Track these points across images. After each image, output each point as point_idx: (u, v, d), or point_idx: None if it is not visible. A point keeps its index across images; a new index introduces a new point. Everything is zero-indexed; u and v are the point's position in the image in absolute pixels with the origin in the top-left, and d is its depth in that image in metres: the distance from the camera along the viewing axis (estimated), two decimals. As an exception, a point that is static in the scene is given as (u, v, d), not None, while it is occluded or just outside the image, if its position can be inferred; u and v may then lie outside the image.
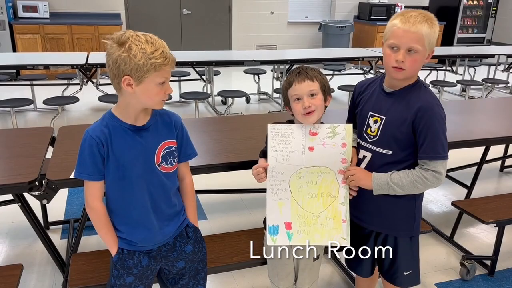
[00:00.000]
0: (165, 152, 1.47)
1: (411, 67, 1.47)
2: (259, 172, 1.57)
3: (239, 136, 2.33)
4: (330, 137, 1.55)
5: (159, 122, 1.47)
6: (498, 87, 6.80)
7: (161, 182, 1.47)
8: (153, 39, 1.32)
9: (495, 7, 8.92)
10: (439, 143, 1.50)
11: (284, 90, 1.61)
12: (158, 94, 1.36)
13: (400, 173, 1.55)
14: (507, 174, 3.84)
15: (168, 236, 1.52)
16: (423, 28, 1.43)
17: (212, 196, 3.24)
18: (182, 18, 7.77)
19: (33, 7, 6.49)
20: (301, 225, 1.58)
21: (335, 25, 8.06)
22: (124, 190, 1.42)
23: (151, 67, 1.29)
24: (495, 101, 3.50)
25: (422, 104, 1.50)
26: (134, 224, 1.45)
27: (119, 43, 1.29)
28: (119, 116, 1.40)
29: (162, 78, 1.34)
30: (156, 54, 1.29)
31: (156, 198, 1.47)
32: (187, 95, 4.77)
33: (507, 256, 2.62)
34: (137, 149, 1.41)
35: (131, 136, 1.40)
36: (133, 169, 1.40)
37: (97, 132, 1.37)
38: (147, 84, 1.32)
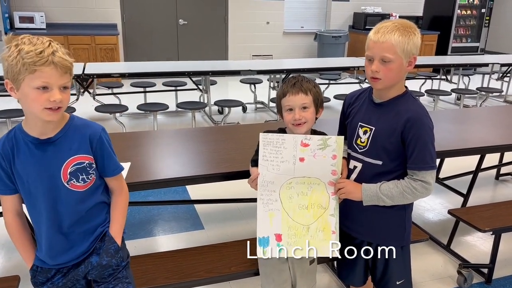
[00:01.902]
0: (74, 169, 1.32)
1: (386, 76, 1.50)
2: (256, 182, 1.59)
3: (236, 145, 2.33)
4: (321, 148, 1.57)
5: (70, 135, 1.32)
6: (492, 96, 6.85)
7: (71, 200, 1.34)
8: (39, 40, 1.19)
9: (488, 17, 9.03)
10: (428, 153, 1.51)
11: (278, 99, 1.64)
12: (37, 100, 1.19)
13: (389, 184, 1.55)
14: (502, 182, 3.86)
15: (82, 254, 1.39)
16: (392, 37, 1.45)
17: (209, 206, 3.24)
18: (179, 28, 7.81)
19: (30, 18, 6.51)
20: (291, 236, 1.58)
21: (331, 35, 8.12)
22: (32, 207, 1.34)
23: (23, 68, 1.16)
24: (490, 110, 3.53)
25: (411, 115, 1.51)
26: (42, 241, 1.37)
27: (7, 45, 1.20)
28: (25, 128, 1.29)
29: (38, 81, 1.17)
30: (30, 54, 1.15)
31: (63, 217, 1.34)
32: (184, 105, 4.78)
33: (504, 264, 2.62)
34: (40, 165, 1.29)
35: (33, 150, 1.28)
36: (37, 186, 1.30)
37: (0, 145, 1.29)
38: (23, 89, 1.19)
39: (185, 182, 2.06)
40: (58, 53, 1.20)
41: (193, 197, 3.42)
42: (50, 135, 1.29)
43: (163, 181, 1.92)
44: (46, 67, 1.17)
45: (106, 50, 6.65)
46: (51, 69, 1.18)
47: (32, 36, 1.21)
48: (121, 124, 4.72)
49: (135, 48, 7.58)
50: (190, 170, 2.04)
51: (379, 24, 1.52)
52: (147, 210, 3.20)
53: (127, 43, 7.50)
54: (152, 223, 3.04)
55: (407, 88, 1.60)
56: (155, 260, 1.94)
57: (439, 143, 2.40)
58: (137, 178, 1.87)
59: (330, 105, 6.22)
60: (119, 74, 4.56)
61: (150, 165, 2.07)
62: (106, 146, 1.38)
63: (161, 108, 4.65)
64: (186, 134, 2.65)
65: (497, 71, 6.66)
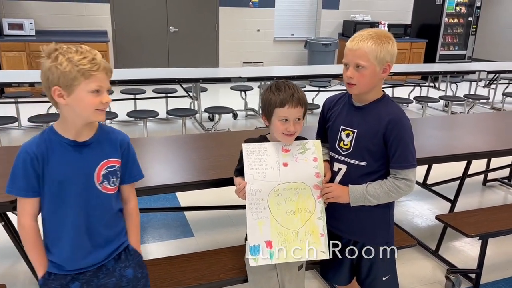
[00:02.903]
0: (107, 171, 1.40)
1: (360, 82, 1.57)
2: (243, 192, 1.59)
3: (226, 152, 2.34)
4: (301, 152, 1.63)
5: (102, 140, 1.41)
6: (479, 103, 6.96)
7: (101, 202, 1.40)
8: (84, 49, 1.29)
9: (475, 25, 9.18)
10: (409, 152, 1.58)
11: (272, 105, 1.58)
12: (92, 103, 1.29)
13: (374, 184, 1.61)
14: (490, 188, 3.91)
15: (102, 259, 1.43)
16: (366, 45, 1.52)
17: (199, 213, 3.23)
18: (169, 35, 7.82)
19: (19, 25, 6.48)
20: (282, 242, 1.60)
21: (321, 43, 8.19)
22: (58, 209, 1.36)
23: (79, 74, 1.25)
24: (477, 117, 3.58)
25: (391, 117, 1.57)
26: (63, 245, 1.38)
27: (48, 55, 1.27)
28: (59, 130, 1.35)
29: (94, 85, 1.28)
30: (83, 61, 1.26)
31: (92, 219, 1.39)
32: (174, 112, 4.77)
33: (492, 269, 2.65)
34: (76, 166, 1.35)
35: (70, 152, 1.35)
36: (70, 187, 1.34)
37: (33, 147, 1.32)
38: (78, 93, 1.27)
39: (175, 189, 2.06)
40: (103, 59, 1.32)
41: (183, 204, 3.41)
42: (85, 138, 1.37)
43: (152, 188, 1.91)
44: (99, 72, 1.28)
45: (96, 57, 6.62)
46: (102, 74, 1.30)
47: (72, 46, 1.30)
48: (111, 131, 4.70)
49: (126, 55, 7.57)
50: (180, 177, 2.04)
51: (357, 33, 1.59)
52: (136, 217, 3.18)
53: (118, 50, 7.49)
54: (142, 231, 3.01)
55: (384, 92, 1.66)
56: (144, 267, 1.93)
57: (427, 149, 2.45)
58: (126, 185, 1.86)
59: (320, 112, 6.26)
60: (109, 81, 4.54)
61: (139, 172, 2.06)
62: (132, 151, 1.49)
63: (151, 115, 4.64)
64: (176, 141, 2.65)
65: (484, 79, 6.76)
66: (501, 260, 2.78)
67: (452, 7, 8.91)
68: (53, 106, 1.34)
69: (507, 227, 2.37)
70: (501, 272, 2.64)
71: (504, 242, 2.92)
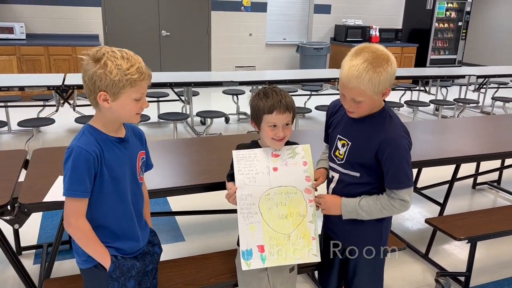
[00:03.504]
0: (141, 162, 1.52)
1: (359, 111, 1.52)
2: (234, 197, 1.61)
3: (218, 156, 2.34)
4: (291, 157, 1.64)
5: (132, 134, 1.51)
6: (469, 107, 7.03)
7: (140, 191, 1.53)
8: (129, 55, 1.34)
9: (465, 30, 9.29)
10: (403, 173, 1.52)
11: (260, 111, 1.60)
12: (134, 109, 1.37)
13: (369, 200, 1.58)
14: (479, 191, 3.94)
15: (145, 241, 1.57)
16: (362, 82, 1.41)
17: (190, 217, 3.22)
18: (161, 39, 7.82)
19: (9, 29, 6.43)
20: (274, 246, 1.61)
21: (312, 47, 8.23)
22: (115, 203, 1.42)
23: (127, 83, 1.31)
24: (467, 120, 3.61)
25: (384, 137, 1.51)
26: (121, 236, 1.46)
27: (94, 59, 1.30)
28: (102, 129, 1.40)
29: (138, 93, 1.35)
30: (131, 70, 1.31)
31: (137, 206, 1.51)
32: (166, 116, 4.77)
33: (481, 272, 2.67)
34: (125, 161, 1.44)
35: (120, 148, 1.42)
36: (124, 181, 1.43)
37: (92, 147, 1.35)
38: (123, 100, 1.33)
39: (166, 194, 2.06)
40: (143, 65, 1.37)
41: (174, 208, 3.40)
42: (123, 135, 1.45)
43: (142, 193, 1.90)
44: (144, 81, 1.36)
45: (88, 61, 6.59)
46: (146, 82, 1.37)
47: (114, 48, 1.34)
48: (102, 135, 4.68)
49: (117, 59, 7.52)
50: (171, 182, 2.04)
51: (350, 57, 1.45)
52: (127, 222, 3.16)
53: (109, 54, 7.44)
54: (133, 235, 3.00)
55: (385, 104, 1.58)
56: (134, 272, 1.92)
57: (417, 153, 2.47)
58: (116, 190, 1.85)
59: (311, 115, 6.29)
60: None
61: (129, 176, 2.05)
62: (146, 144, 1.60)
63: (143, 119, 4.63)
64: (167, 145, 2.64)
65: (473, 83, 6.83)
66: (490, 263, 2.80)
67: (442, 12, 9.01)
68: (92, 106, 1.38)
69: (496, 230, 2.40)
70: (490, 275, 2.66)
71: (493, 245, 2.95)
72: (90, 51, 1.32)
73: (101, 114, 1.39)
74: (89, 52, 1.32)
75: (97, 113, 1.40)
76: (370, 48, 1.44)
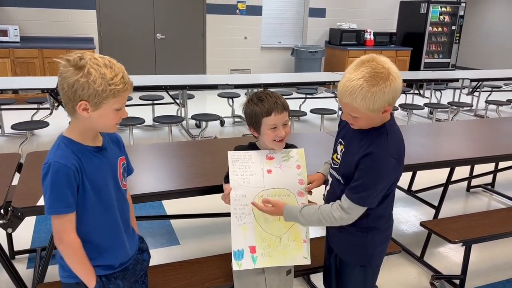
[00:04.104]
0: (123, 169, 1.48)
1: (357, 125, 1.48)
2: (229, 198, 1.62)
3: (213, 159, 2.33)
4: (285, 160, 1.66)
5: (109, 141, 1.45)
6: (463, 110, 7.08)
7: (125, 199, 1.49)
8: (112, 63, 1.27)
9: (458, 34, 9.35)
10: (366, 189, 1.45)
11: (258, 116, 1.61)
12: (114, 119, 1.33)
13: (311, 208, 1.55)
14: (473, 194, 3.96)
15: (135, 250, 1.53)
16: (354, 100, 1.37)
17: (185, 221, 3.21)
18: (156, 42, 7.81)
19: (3, 31, 6.40)
20: (265, 248, 1.62)
21: (307, 50, 8.26)
22: (100, 215, 1.37)
23: (111, 93, 1.25)
24: (460, 124, 3.63)
25: (370, 151, 1.44)
26: (109, 248, 1.41)
27: (76, 66, 1.22)
28: (78, 139, 1.33)
29: (119, 104, 1.31)
30: (116, 80, 1.25)
31: (123, 215, 1.47)
32: (161, 119, 4.75)
33: (476, 275, 2.68)
34: (106, 170, 1.39)
35: (99, 157, 1.36)
36: (107, 191, 1.38)
37: (70, 159, 1.28)
38: (104, 110, 1.28)
39: (161, 197, 2.05)
40: (126, 74, 1.30)
41: (169, 212, 3.38)
42: (101, 143, 1.40)
43: (138, 196, 1.89)
44: (127, 92, 1.30)
45: (82, 63, 6.57)
46: (128, 93, 1.32)
47: (95, 55, 1.26)
48: (97, 139, 4.66)
49: (112, 61, 7.50)
50: (166, 185, 2.03)
51: (350, 70, 1.41)
52: (122, 225, 3.14)
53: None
54: (127, 239, 2.99)
55: (392, 118, 1.51)
56: (128, 277, 1.91)
57: (411, 156, 2.48)
58: (111, 193, 1.84)
59: (306, 119, 6.30)
60: (95, 88, 4.50)
61: (124, 180, 2.04)
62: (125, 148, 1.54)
63: (138, 122, 4.61)
64: (162, 148, 2.63)
65: (467, 86, 6.88)
66: (485, 266, 2.81)
67: (436, 16, 9.07)
68: (68, 113, 1.31)
69: (490, 233, 2.41)
70: (484, 278, 2.67)
71: (487, 248, 2.96)
72: (69, 56, 1.24)
73: (78, 122, 1.32)
74: (68, 57, 1.24)
75: (73, 121, 1.33)
76: (372, 63, 1.38)
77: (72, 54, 1.24)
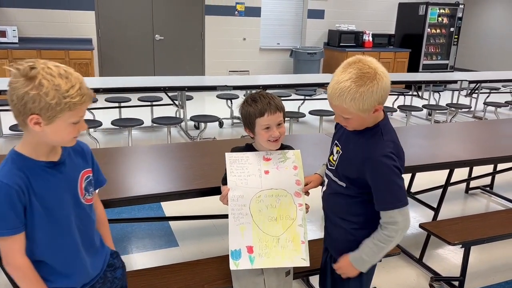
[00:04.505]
0: (86, 183, 1.36)
1: (350, 126, 1.50)
2: (227, 198, 1.63)
3: (211, 161, 2.33)
4: (282, 161, 1.68)
5: (72, 153, 1.34)
6: (461, 112, 7.08)
7: (87, 215, 1.37)
8: (68, 73, 1.16)
9: (456, 36, 9.38)
10: (388, 193, 1.45)
11: (252, 116, 1.62)
12: (70, 133, 1.22)
13: (369, 244, 1.52)
14: (472, 196, 3.96)
15: (100, 268, 1.43)
16: (344, 101, 1.39)
17: (184, 223, 3.21)
18: (155, 43, 7.80)
19: (2, 32, 6.39)
20: (263, 248, 1.63)
21: (306, 52, 8.26)
22: (54, 236, 1.27)
23: (66, 107, 1.14)
24: (459, 125, 3.64)
25: (368, 155, 1.46)
26: (65, 270, 1.31)
27: (27, 76, 1.11)
28: (30, 155, 1.22)
29: (77, 117, 1.20)
30: (71, 92, 1.14)
31: (85, 233, 1.36)
32: (159, 120, 4.75)
33: (475, 276, 2.68)
34: (61, 187, 1.27)
35: (52, 174, 1.25)
36: (61, 210, 1.27)
37: (15, 178, 1.17)
38: (59, 124, 1.17)
39: (160, 199, 2.04)
40: (85, 84, 1.20)
41: (168, 213, 3.38)
42: (58, 157, 1.29)
43: (136, 198, 1.89)
44: (85, 104, 1.20)
45: (81, 65, 6.57)
46: (87, 105, 1.21)
47: (49, 63, 1.16)
48: (95, 140, 4.65)
49: (111, 63, 7.52)
50: (165, 187, 2.02)
51: (338, 72, 1.43)
52: (120, 227, 3.14)
53: (103, 58, 7.43)
54: (126, 241, 2.98)
55: (385, 117, 1.53)
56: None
57: (410, 158, 2.47)
58: (111, 195, 1.83)
59: (305, 120, 6.30)
60: (93, 89, 4.50)
61: (124, 181, 2.04)
62: (95, 159, 1.44)
63: (136, 123, 4.61)
64: (161, 150, 2.63)
65: (465, 88, 6.89)
66: (484, 267, 2.81)
67: (435, 18, 9.09)
68: (19, 126, 1.19)
69: (489, 235, 2.41)
70: (483, 280, 2.67)
71: (486, 249, 2.96)
72: (19, 65, 1.12)
73: (30, 136, 1.21)
74: (18, 66, 1.12)
75: (26, 135, 1.21)
76: (358, 65, 1.40)
77: (22, 63, 1.13)
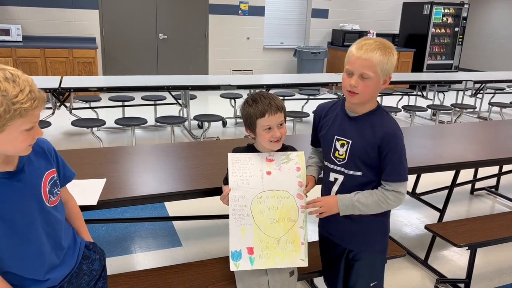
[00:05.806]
0: (50, 185, 1.29)
1: (363, 92, 1.53)
2: (228, 198, 1.63)
3: (215, 161, 2.31)
4: (285, 162, 1.66)
5: (32, 156, 1.25)
6: (466, 112, 7.04)
7: (54, 217, 1.31)
8: (15, 76, 1.07)
9: (461, 35, 9.33)
10: (402, 166, 1.58)
11: (252, 117, 1.63)
12: (24, 141, 1.14)
13: (364, 193, 1.61)
14: (477, 197, 3.93)
15: (73, 265, 1.39)
16: (374, 55, 1.49)
17: (188, 223, 3.20)
18: (159, 42, 7.80)
19: (6, 31, 6.40)
20: (263, 249, 1.63)
21: (310, 51, 8.24)
22: (16, 246, 1.21)
23: (16, 113, 1.06)
24: (464, 126, 3.61)
25: (386, 130, 1.57)
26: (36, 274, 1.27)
27: None
28: None
29: (30, 123, 1.11)
30: (21, 97, 1.06)
31: (53, 236, 1.30)
32: (163, 120, 4.74)
33: (480, 278, 2.66)
34: (20, 196, 1.20)
35: (8, 185, 1.18)
36: (23, 219, 1.20)
37: None
38: (10, 133, 1.09)
39: (163, 199, 2.03)
40: (35, 87, 1.11)
41: (171, 213, 3.37)
42: (15, 164, 1.20)
43: (140, 198, 1.88)
44: (37, 109, 1.11)
45: (84, 63, 6.57)
46: (39, 110, 1.13)
47: None
48: (98, 139, 4.65)
49: (114, 62, 7.52)
50: (168, 187, 2.01)
51: (361, 40, 1.55)
52: (123, 227, 3.13)
53: (106, 57, 7.44)
54: (129, 241, 2.97)
55: (378, 103, 1.65)
56: (129, 279, 1.89)
57: (415, 159, 2.45)
58: (114, 194, 1.83)
59: (309, 120, 6.28)
60: (97, 88, 4.50)
61: (127, 181, 2.03)
62: (59, 155, 1.37)
63: (140, 122, 4.60)
64: (164, 149, 2.61)
65: (470, 88, 6.85)
66: (490, 269, 2.78)
67: (439, 18, 9.04)
68: None
69: (496, 237, 2.38)
70: (489, 282, 2.64)
71: (492, 251, 2.94)
72: None
73: None
74: None
75: None
76: (378, 38, 1.56)
77: None
